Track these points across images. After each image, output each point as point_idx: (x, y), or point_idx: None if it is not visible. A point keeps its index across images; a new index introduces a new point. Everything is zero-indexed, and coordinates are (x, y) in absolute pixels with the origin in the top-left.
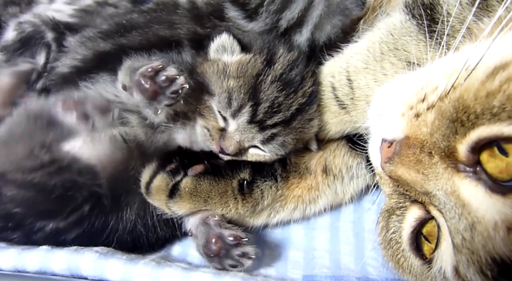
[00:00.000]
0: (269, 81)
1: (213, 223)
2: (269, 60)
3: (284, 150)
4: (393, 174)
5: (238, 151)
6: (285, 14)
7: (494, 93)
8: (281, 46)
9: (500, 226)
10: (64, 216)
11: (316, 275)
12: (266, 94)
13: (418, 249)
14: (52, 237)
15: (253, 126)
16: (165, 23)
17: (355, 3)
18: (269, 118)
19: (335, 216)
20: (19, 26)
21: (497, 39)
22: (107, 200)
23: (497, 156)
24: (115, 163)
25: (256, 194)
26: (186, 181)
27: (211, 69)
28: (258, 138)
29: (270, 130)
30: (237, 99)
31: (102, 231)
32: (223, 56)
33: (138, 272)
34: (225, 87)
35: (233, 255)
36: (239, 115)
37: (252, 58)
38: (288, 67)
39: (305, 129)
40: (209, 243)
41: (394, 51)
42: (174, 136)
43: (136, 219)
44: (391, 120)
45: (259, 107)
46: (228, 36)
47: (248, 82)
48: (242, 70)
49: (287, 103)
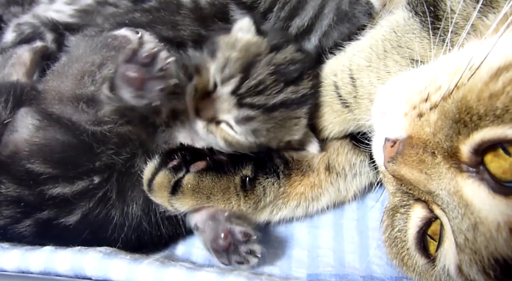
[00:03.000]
0: (264, 63)
1: (223, 218)
2: (275, 48)
3: (254, 138)
4: (396, 174)
5: (211, 119)
6: (295, 21)
7: (497, 95)
8: (292, 44)
9: (503, 227)
10: (72, 178)
11: (320, 273)
12: (256, 72)
13: (424, 249)
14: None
15: (233, 97)
16: (168, 24)
17: (364, 11)
18: (249, 95)
19: (339, 214)
20: (18, 27)
21: (502, 37)
22: (112, 194)
23: (501, 156)
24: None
25: (258, 191)
26: (188, 178)
27: (224, 39)
28: (233, 113)
29: (248, 110)
30: (230, 68)
31: (106, 226)
32: (239, 33)
33: (142, 272)
34: (226, 56)
35: (240, 251)
36: (227, 83)
37: (261, 40)
38: (289, 61)
39: (285, 127)
40: (218, 238)
41: (398, 49)
42: (176, 134)
43: (141, 215)
44: (394, 119)
45: (245, 81)
46: (248, 20)
47: (247, 58)
48: (246, 47)
49: (272, 90)
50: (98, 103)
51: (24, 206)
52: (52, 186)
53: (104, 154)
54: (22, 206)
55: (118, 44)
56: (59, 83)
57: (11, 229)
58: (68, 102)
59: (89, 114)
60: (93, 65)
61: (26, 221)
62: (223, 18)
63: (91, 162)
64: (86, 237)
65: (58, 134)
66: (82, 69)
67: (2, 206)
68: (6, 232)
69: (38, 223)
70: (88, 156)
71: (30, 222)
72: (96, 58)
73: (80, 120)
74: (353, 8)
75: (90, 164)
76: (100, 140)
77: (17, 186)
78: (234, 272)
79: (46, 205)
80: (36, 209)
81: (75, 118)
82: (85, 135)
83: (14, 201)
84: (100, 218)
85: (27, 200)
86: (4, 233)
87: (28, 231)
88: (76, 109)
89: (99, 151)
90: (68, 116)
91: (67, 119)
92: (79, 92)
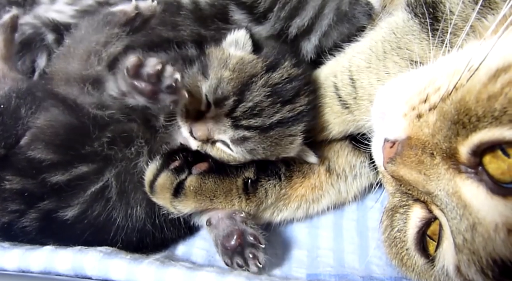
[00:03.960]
0: (260, 84)
1: (239, 219)
2: (270, 67)
3: (251, 157)
4: (395, 174)
5: (206, 140)
6: (295, 21)
7: (495, 96)
8: (289, 60)
9: (501, 228)
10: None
11: (320, 273)
12: (252, 95)
13: (423, 249)
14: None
15: (228, 120)
16: (168, 25)
17: (363, 12)
18: (245, 118)
19: (339, 214)
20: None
21: (501, 38)
22: (112, 194)
23: (500, 157)
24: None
25: (260, 193)
26: (191, 180)
27: (216, 54)
28: (229, 134)
29: (243, 131)
30: (223, 89)
31: (109, 227)
32: (231, 48)
33: (142, 272)
34: (219, 75)
35: (245, 253)
36: (221, 105)
37: (255, 60)
38: (286, 80)
39: (281, 145)
40: (230, 237)
41: (397, 50)
42: (175, 137)
43: (145, 218)
44: (393, 120)
45: (241, 104)
46: (245, 33)
47: (241, 79)
48: (240, 67)
49: (269, 112)
50: (103, 85)
51: (28, 196)
52: (52, 173)
53: (100, 141)
54: (26, 196)
55: (118, 20)
56: (65, 65)
57: (15, 225)
58: (75, 83)
59: (94, 97)
60: (98, 44)
61: (30, 213)
62: (222, 18)
63: (88, 147)
64: (87, 238)
65: (61, 116)
66: (87, 49)
67: (8, 201)
68: (11, 228)
69: (41, 216)
70: (85, 140)
71: (33, 214)
72: (101, 37)
73: (85, 102)
74: (353, 8)
75: (86, 149)
76: (99, 126)
77: (20, 177)
78: (234, 272)
79: (47, 194)
80: (39, 199)
81: (79, 100)
82: (87, 118)
83: (19, 193)
84: (101, 220)
85: (30, 190)
86: (9, 230)
87: (32, 226)
88: (81, 91)
89: (95, 137)
90: (73, 97)
91: (72, 100)
92: (86, 73)
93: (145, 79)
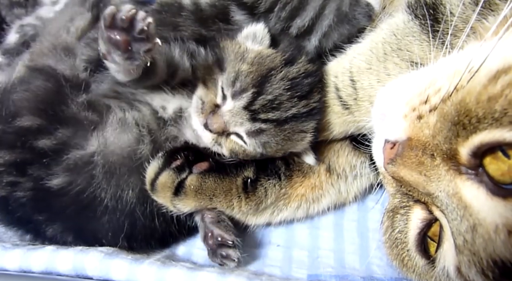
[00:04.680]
0: (279, 78)
1: (208, 220)
2: (288, 61)
3: (263, 150)
4: (396, 175)
5: (221, 132)
6: (295, 21)
7: (496, 98)
8: (305, 55)
9: (501, 229)
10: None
11: (320, 274)
12: (272, 87)
13: (424, 250)
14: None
15: (246, 113)
16: (169, 25)
17: (363, 13)
18: (264, 111)
19: (339, 215)
20: (21, 29)
21: (502, 39)
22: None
23: (500, 158)
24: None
25: (259, 192)
26: (191, 179)
27: (232, 48)
28: (246, 126)
29: (260, 124)
30: (242, 82)
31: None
32: (248, 42)
33: (143, 272)
34: (236, 68)
35: (217, 254)
36: (239, 97)
37: (274, 54)
38: (303, 74)
39: (293, 140)
40: (206, 238)
41: (397, 52)
42: (183, 131)
43: (136, 203)
44: (394, 121)
45: (260, 96)
46: (263, 27)
47: (260, 72)
48: (259, 60)
49: (287, 105)
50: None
51: (19, 164)
52: (39, 138)
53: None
54: (17, 164)
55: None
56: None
57: (11, 199)
58: (48, 53)
59: (67, 62)
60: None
61: (23, 183)
62: (223, 19)
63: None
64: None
65: (39, 81)
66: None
67: (2, 175)
68: (8, 203)
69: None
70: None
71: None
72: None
73: (59, 67)
74: (353, 9)
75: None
76: (74, 86)
77: (12, 150)
78: (235, 272)
79: (35, 159)
80: (29, 164)
81: (54, 65)
82: (62, 79)
83: (12, 164)
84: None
85: (21, 158)
86: (6, 205)
87: (26, 197)
88: (55, 58)
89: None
90: (48, 64)
91: (48, 66)
92: (57, 42)
93: (119, 25)
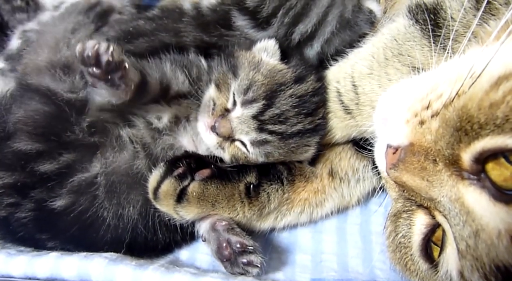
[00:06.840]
0: (288, 94)
1: (221, 229)
2: (298, 79)
3: (265, 159)
4: (398, 180)
5: (227, 137)
6: (298, 27)
7: (497, 104)
8: (313, 74)
9: (504, 234)
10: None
11: (324, 278)
12: (280, 102)
13: (428, 255)
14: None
15: (255, 122)
16: (171, 31)
17: (366, 20)
18: (272, 123)
19: (342, 219)
20: (23, 34)
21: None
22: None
23: (503, 164)
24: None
25: (262, 197)
26: (193, 186)
27: (247, 57)
28: (252, 135)
29: (266, 135)
30: (254, 92)
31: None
32: (263, 54)
33: (147, 278)
34: (250, 77)
35: (239, 262)
36: (249, 106)
37: (286, 69)
38: (310, 92)
39: (296, 153)
40: (221, 249)
41: (399, 57)
42: (179, 139)
43: (137, 219)
44: (396, 126)
45: (269, 109)
46: (274, 43)
47: (271, 85)
48: (272, 74)
49: (293, 121)
50: (74, 70)
51: (21, 187)
52: (40, 163)
53: (80, 126)
54: (19, 187)
55: (82, 7)
56: (35, 56)
57: (13, 219)
58: (46, 71)
59: (66, 82)
60: (66, 31)
61: (24, 204)
62: (225, 24)
63: (69, 132)
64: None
65: (38, 105)
66: (55, 37)
67: (3, 196)
68: (9, 223)
69: (35, 206)
70: (66, 126)
71: (28, 205)
72: (68, 25)
73: (58, 88)
74: (356, 16)
75: (68, 135)
76: (76, 109)
77: (11, 172)
78: (239, 277)
79: (37, 183)
80: (30, 188)
81: (52, 87)
82: (62, 103)
83: (11, 186)
84: (89, 216)
85: (21, 181)
86: (7, 225)
87: (28, 218)
88: (53, 78)
89: (74, 122)
90: (46, 85)
91: (46, 88)
92: (55, 59)
93: (90, 63)
